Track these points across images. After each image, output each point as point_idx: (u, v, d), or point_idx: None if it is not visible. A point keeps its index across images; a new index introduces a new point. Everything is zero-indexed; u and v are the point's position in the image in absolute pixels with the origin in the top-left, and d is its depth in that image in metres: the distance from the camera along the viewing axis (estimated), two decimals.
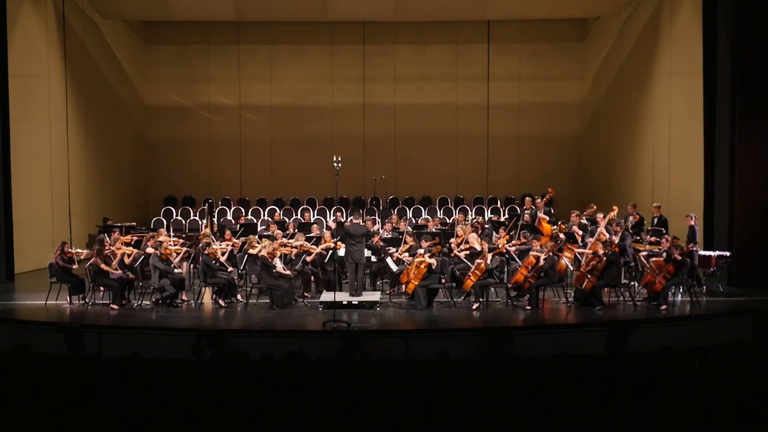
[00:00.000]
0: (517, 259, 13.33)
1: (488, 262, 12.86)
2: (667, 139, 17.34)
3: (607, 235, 13.34)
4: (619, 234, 13.55)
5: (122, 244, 14.01)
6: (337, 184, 15.60)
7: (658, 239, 13.80)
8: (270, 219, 18.60)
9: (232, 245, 14.12)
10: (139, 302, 13.30)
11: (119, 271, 13.05)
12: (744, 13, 14.37)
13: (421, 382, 7.25)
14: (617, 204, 15.02)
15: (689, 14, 16.44)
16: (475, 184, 20.86)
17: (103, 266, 12.96)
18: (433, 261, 12.84)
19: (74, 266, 13.47)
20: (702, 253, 13.96)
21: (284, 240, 14.02)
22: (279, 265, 13.10)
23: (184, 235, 16.26)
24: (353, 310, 12.73)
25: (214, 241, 13.98)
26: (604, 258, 12.62)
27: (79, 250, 14.08)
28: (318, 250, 13.85)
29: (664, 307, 12.60)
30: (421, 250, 12.97)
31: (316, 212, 19.94)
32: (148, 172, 21.58)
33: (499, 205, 20.67)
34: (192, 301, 13.47)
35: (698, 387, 7.01)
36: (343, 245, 13.47)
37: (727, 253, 14.02)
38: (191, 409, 6.45)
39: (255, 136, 21.43)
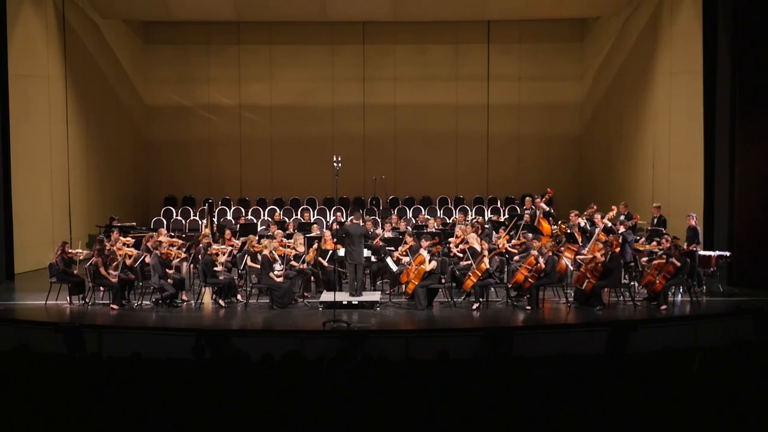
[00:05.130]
0: (518, 258, 13.32)
1: (487, 264, 12.85)
2: (667, 139, 17.33)
3: (603, 234, 13.36)
4: (624, 230, 13.56)
5: (123, 245, 14.00)
6: (337, 184, 15.61)
7: (659, 239, 13.80)
8: (270, 219, 18.60)
9: (232, 246, 14.12)
10: (139, 302, 13.30)
11: (115, 279, 13.02)
12: (744, 13, 14.37)
13: (421, 382, 7.24)
14: (617, 204, 15.03)
15: (689, 14, 16.45)
16: (475, 184, 20.86)
17: (101, 270, 12.95)
18: (433, 264, 12.82)
19: (74, 266, 13.49)
20: (702, 253, 13.96)
21: (284, 241, 14.00)
22: (277, 269, 13.08)
23: (184, 235, 16.28)
24: (353, 310, 12.73)
25: (212, 243, 13.93)
26: (604, 260, 12.62)
27: (79, 251, 14.07)
28: (316, 256, 13.86)
29: (664, 307, 12.60)
30: (423, 251, 12.95)
31: (316, 212, 19.94)
32: (148, 172, 21.58)
33: (499, 205, 20.67)
34: (192, 301, 13.47)
35: (698, 387, 7.01)
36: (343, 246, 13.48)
37: (727, 253, 14.02)
38: (191, 409, 6.45)
39: (255, 136, 21.44)
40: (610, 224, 13.91)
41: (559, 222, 15.76)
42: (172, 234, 15.97)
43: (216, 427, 6.22)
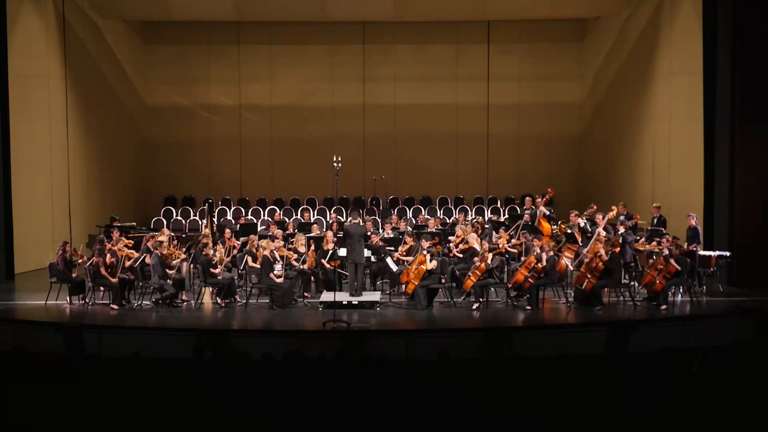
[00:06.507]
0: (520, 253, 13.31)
1: (488, 261, 12.85)
2: (667, 139, 17.34)
3: (604, 234, 13.35)
4: (623, 230, 13.55)
5: (124, 246, 13.98)
6: (337, 184, 15.64)
7: (659, 239, 13.80)
8: (270, 219, 18.60)
9: (232, 247, 14.11)
10: (139, 302, 13.30)
11: (116, 279, 13.03)
12: (744, 13, 14.36)
13: (421, 382, 7.25)
14: (617, 205, 15.03)
15: (689, 14, 16.45)
16: (475, 184, 20.86)
17: (102, 270, 12.95)
18: (433, 264, 12.81)
19: (74, 268, 13.48)
20: (702, 253, 13.96)
21: (285, 246, 13.96)
22: (278, 269, 13.07)
23: (184, 235, 16.27)
24: (353, 310, 12.72)
25: (210, 244, 13.87)
26: (605, 259, 12.62)
27: (80, 253, 14.03)
28: (315, 258, 13.86)
29: (664, 307, 12.60)
30: (424, 251, 12.95)
31: (316, 212, 19.94)
32: (149, 172, 21.59)
33: (499, 205, 20.67)
34: (192, 301, 13.46)
35: (698, 387, 7.01)
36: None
37: (727, 253, 14.02)
38: (191, 409, 6.45)
39: (255, 136, 21.45)
40: (609, 226, 13.90)
41: (559, 222, 15.75)
42: (172, 235, 15.95)
43: (216, 427, 6.22)
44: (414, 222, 18.07)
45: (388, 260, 13.62)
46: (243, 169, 21.47)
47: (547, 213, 15.54)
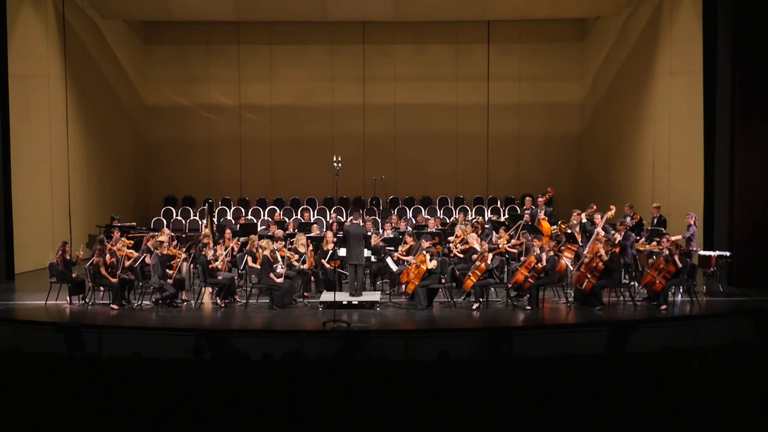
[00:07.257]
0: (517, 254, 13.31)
1: (488, 261, 12.86)
2: (667, 139, 17.34)
3: (603, 233, 13.35)
4: (622, 233, 13.56)
5: (124, 246, 13.98)
6: (337, 184, 15.64)
7: (659, 239, 13.79)
8: (270, 219, 18.60)
9: (231, 248, 14.11)
10: (139, 302, 13.30)
11: (116, 279, 13.03)
12: (744, 13, 14.37)
13: (421, 382, 7.25)
14: (616, 204, 15.02)
15: (689, 14, 16.45)
16: (475, 184, 20.86)
17: (102, 270, 12.96)
18: (433, 264, 12.81)
19: (74, 267, 13.48)
20: (702, 253, 13.95)
21: (285, 246, 13.96)
22: (279, 269, 13.07)
23: (184, 235, 16.26)
24: (353, 310, 12.72)
25: (211, 244, 13.86)
26: (605, 259, 12.62)
27: (82, 254, 14.02)
28: (314, 257, 13.86)
29: (664, 307, 12.60)
30: (424, 251, 12.96)
31: (316, 212, 19.94)
32: (148, 172, 21.60)
33: (499, 205, 20.67)
34: (192, 301, 13.47)
35: (698, 387, 7.01)
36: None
37: (727, 253, 14.01)
38: (191, 409, 6.45)
39: (255, 136, 21.46)
40: (608, 226, 13.89)
41: (559, 222, 15.74)
42: (172, 235, 15.96)
43: (216, 427, 6.22)
44: (414, 222, 18.07)
45: (388, 260, 13.63)
46: (243, 169, 21.48)
47: (547, 219, 15.49)
